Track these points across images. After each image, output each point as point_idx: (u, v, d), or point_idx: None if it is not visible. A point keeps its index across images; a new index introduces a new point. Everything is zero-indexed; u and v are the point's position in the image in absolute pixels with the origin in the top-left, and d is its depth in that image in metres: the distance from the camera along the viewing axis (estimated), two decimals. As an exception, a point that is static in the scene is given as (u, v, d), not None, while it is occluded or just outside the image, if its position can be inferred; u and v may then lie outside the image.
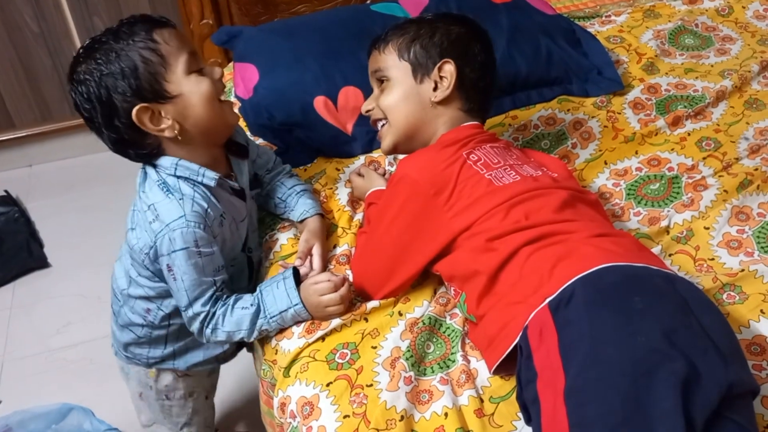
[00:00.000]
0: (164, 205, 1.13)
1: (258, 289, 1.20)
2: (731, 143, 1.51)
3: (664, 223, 1.32)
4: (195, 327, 1.18)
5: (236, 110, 1.31)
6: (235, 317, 1.17)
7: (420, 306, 1.19)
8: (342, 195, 1.41)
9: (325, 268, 1.25)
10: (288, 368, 1.14)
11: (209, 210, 1.14)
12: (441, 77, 1.22)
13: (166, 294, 1.22)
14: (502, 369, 1.04)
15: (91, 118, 1.10)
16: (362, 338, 1.15)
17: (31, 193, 2.48)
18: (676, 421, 0.81)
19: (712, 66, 1.76)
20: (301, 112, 1.55)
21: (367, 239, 1.24)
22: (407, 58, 1.24)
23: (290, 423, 1.10)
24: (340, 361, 1.12)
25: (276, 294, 1.17)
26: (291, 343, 1.16)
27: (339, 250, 1.30)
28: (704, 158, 1.47)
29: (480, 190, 1.11)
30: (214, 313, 1.16)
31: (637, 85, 1.69)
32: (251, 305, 1.17)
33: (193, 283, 1.14)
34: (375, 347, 1.13)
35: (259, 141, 1.58)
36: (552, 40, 1.69)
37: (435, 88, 1.23)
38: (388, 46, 1.26)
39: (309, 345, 1.14)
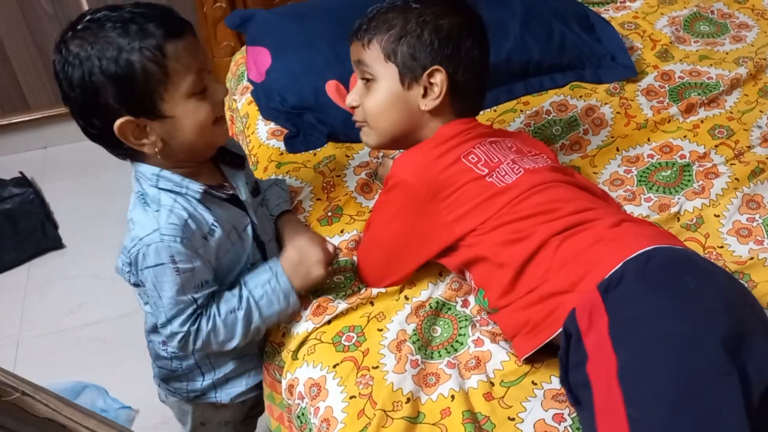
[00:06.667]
0: (139, 218, 1.04)
1: (244, 286, 1.11)
2: (744, 131, 1.50)
3: (674, 210, 1.32)
4: (173, 345, 1.09)
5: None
6: (228, 327, 1.08)
7: (426, 289, 1.19)
8: (350, 181, 1.42)
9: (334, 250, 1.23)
10: (296, 351, 1.15)
11: (190, 221, 1.04)
12: (431, 83, 1.12)
13: None
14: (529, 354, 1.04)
15: (69, 99, 1.00)
16: (368, 321, 1.15)
17: (45, 174, 2.50)
18: (736, 398, 0.81)
19: (727, 53, 1.74)
20: (312, 96, 1.55)
21: (368, 236, 1.23)
22: (394, 60, 1.13)
23: (298, 404, 1.11)
24: (346, 343, 1.13)
25: (272, 296, 1.10)
26: (299, 326, 1.17)
27: (348, 236, 1.30)
28: (716, 146, 1.46)
29: (482, 194, 1.07)
30: (198, 330, 1.07)
31: (650, 72, 1.68)
32: (239, 309, 1.09)
33: (170, 301, 1.04)
34: (381, 330, 1.14)
35: (271, 125, 1.58)
36: (566, 25, 1.68)
37: (424, 95, 1.13)
38: (373, 42, 1.15)
39: (317, 329, 1.15)
